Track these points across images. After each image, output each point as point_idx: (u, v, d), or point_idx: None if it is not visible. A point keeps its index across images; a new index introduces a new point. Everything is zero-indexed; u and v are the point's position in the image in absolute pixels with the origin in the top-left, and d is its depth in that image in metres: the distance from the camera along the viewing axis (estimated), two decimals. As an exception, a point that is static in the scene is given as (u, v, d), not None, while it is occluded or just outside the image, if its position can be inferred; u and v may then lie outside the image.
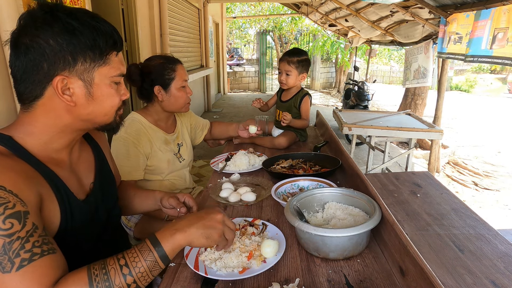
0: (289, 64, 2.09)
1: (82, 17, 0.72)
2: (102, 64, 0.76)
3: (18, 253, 0.60)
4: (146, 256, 0.71)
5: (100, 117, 0.80)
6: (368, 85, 5.92)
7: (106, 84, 0.78)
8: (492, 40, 2.49)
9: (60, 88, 0.72)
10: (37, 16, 0.69)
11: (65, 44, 0.70)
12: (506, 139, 6.72)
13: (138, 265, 0.70)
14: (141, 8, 3.95)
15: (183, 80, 1.58)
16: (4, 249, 0.59)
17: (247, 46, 20.95)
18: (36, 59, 0.69)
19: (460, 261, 1.21)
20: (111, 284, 0.66)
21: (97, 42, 0.73)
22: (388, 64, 19.99)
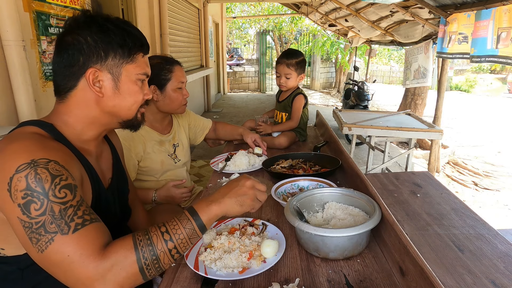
0: (288, 67, 2.08)
1: (116, 21, 0.84)
2: (130, 62, 0.85)
3: (72, 218, 0.68)
4: (185, 225, 0.78)
5: (124, 111, 0.88)
6: (368, 85, 5.92)
7: (131, 80, 0.87)
8: (497, 39, 2.49)
9: (92, 79, 0.82)
10: (80, 20, 0.82)
11: (99, 41, 0.81)
12: (506, 139, 6.72)
13: (178, 232, 0.76)
14: (141, 8, 3.95)
15: (180, 82, 1.58)
16: (60, 214, 0.67)
17: (247, 46, 20.96)
18: (74, 54, 0.80)
19: (460, 261, 1.21)
20: (154, 248, 0.73)
21: (126, 42, 0.83)
22: (388, 64, 19.99)
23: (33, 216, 0.66)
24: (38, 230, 0.66)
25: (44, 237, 0.66)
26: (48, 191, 0.68)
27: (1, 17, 1.66)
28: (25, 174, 0.67)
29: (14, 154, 0.69)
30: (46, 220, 0.67)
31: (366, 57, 8.82)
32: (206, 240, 1.04)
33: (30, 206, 0.66)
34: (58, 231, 0.67)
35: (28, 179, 0.67)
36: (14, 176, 0.67)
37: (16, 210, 0.67)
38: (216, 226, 1.14)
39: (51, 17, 2.05)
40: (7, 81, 1.76)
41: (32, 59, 1.90)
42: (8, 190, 0.67)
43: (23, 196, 0.66)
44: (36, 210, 0.66)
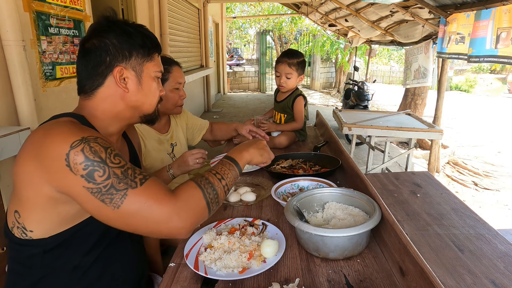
0: (290, 67, 2.06)
1: (133, 25, 0.94)
2: (149, 60, 0.94)
3: (135, 176, 0.76)
4: (229, 168, 0.94)
5: (146, 106, 0.96)
6: (368, 85, 5.92)
7: (151, 77, 0.96)
8: (496, 39, 2.49)
9: (119, 77, 0.89)
10: (103, 24, 0.90)
11: (123, 42, 0.89)
12: (506, 139, 6.72)
13: (226, 173, 0.92)
14: (141, 8, 3.95)
15: (177, 82, 1.59)
16: (123, 174, 0.75)
17: (247, 46, 20.95)
18: (101, 54, 0.88)
19: (460, 261, 1.21)
20: (213, 185, 0.85)
21: (146, 43, 0.93)
22: (388, 64, 19.99)
23: (99, 182, 0.73)
24: (109, 191, 0.73)
25: (117, 195, 0.73)
26: (105, 159, 0.75)
27: (1, 17, 1.66)
28: (81, 149, 0.73)
29: (63, 134, 0.76)
30: (113, 182, 0.74)
31: (366, 57, 8.82)
32: (206, 240, 1.04)
33: (94, 174, 0.73)
34: (127, 187, 0.74)
35: (84, 152, 0.73)
36: (70, 152, 0.73)
37: (80, 181, 0.72)
38: (216, 226, 1.14)
39: (51, 17, 2.05)
40: (7, 81, 1.76)
41: (32, 59, 1.90)
42: (67, 166, 0.72)
43: (84, 167, 0.72)
44: (100, 177, 0.73)
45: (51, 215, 0.79)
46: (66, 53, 2.20)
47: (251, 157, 1.03)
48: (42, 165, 0.74)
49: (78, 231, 0.84)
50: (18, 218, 0.81)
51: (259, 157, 1.06)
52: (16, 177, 0.78)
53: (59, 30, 2.13)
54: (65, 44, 2.19)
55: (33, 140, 0.77)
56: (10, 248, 0.87)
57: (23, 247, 0.83)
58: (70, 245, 0.84)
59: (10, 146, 1.59)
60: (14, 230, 0.82)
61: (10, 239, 0.84)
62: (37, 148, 0.75)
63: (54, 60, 2.09)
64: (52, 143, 0.74)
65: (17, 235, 0.82)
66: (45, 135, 0.76)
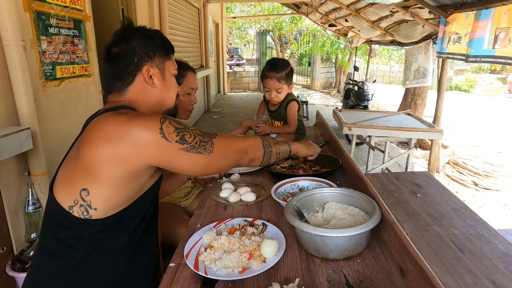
0: (279, 81, 1.96)
1: (150, 30, 1.07)
2: (168, 59, 1.08)
3: (208, 133, 0.99)
4: (284, 144, 1.26)
5: (169, 100, 1.10)
6: (368, 85, 5.92)
7: (171, 74, 1.10)
8: (494, 40, 2.49)
9: (147, 74, 1.02)
10: (126, 31, 1.04)
11: (148, 44, 1.02)
12: (506, 139, 6.72)
13: (281, 145, 1.24)
14: (141, 8, 3.95)
15: (190, 88, 1.62)
16: (202, 133, 0.96)
17: (247, 46, 20.95)
18: (130, 56, 1.00)
19: (460, 261, 1.21)
20: (270, 145, 1.17)
21: (164, 44, 1.07)
22: (388, 64, 19.99)
23: (190, 141, 0.92)
24: (200, 145, 0.93)
25: (207, 144, 0.95)
26: (187, 126, 0.94)
27: (1, 17, 1.66)
28: (168, 122, 0.90)
29: (144, 116, 0.90)
30: (200, 139, 0.94)
31: (366, 57, 8.82)
32: (206, 240, 1.04)
33: (185, 137, 0.91)
34: (210, 138, 0.97)
35: (172, 124, 0.90)
36: (162, 125, 0.88)
37: (175, 145, 0.89)
38: (216, 226, 1.14)
39: (51, 17, 2.05)
40: (7, 81, 1.76)
41: (32, 59, 1.90)
42: (163, 137, 0.87)
43: (176, 134, 0.90)
44: (189, 138, 0.92)
45: (121, 192, 0.89)
46: (66, 53, 2.20)
47: (301, 147, 1.35)
48: (133, 144, 0.85)
49: (127, 212, 0.93)
50: (85, 196, 0.87)
51: (307, 150, 1.38)
52: (93, 158, 0.86)
53: (59, 30, 2.13)
54: (65, 44, 2.19)
55: (113, 126, 0.87)
56: (56, 230, 0.92)
57: (79, 227, 0.89)
58: (118, 227, 0.93)
59: (10, 146, 1.59)
60: (74, 209, 0.88)
61: (65, 219, 0.89)
62: (122, 130, 0.85)
63: (54, 60, 2.09)
64: (140, 124, 0.87)
65: (76, 214, 0.88)
66: (126, 121, 0.87)
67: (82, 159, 0.87)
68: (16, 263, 1.66)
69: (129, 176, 0.88)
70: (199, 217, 1.25)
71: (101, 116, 0.93)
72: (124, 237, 0.95)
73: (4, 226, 1.75)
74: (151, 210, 1.02)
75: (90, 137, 0.88)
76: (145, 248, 1.02)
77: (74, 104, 2.29)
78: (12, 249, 1.79)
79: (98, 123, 0.91)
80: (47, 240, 0.95)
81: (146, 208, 0.99)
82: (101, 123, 0.90)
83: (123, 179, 0.88)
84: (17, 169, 1.83)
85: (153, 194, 1.01)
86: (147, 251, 1.04)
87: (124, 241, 0.95)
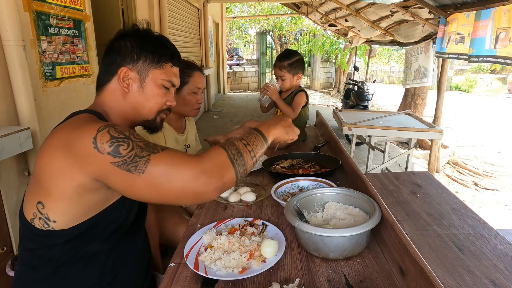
0: (281, 70, 2.12)
1: (156, 35, 1.02)
2: (157, 68, 0.99)
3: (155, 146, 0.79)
4: (256, 137, 0.94)
5: (145, 110, 1.00)
6: (368, 85, 5.92)
7: (156, 84, 0.99)
8: (495, 39, 2.49)
9: (122, 76, 0.96)
10: (128, 30, 1.01)
11: (135, 46, 0.97)
12: (506, 139, 6.72)
13: (252, 140, 0.92)
14: (141, 8, 3.95)
15: (196, 87, 1.65)
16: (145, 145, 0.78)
17: (247, 46, 20.94)
18: (115, 55, 0.97)
19: (460, 261, 1.21)
20: (237, 148, 0.86)
21: (158, 50, 0.99)
22: (388, 64, 19.98)
23: (124, 155, 0.76)
24: (133, 160, 0.75)
25: (140, 161, 0.75)
26: (129, 135, 0.79)
27: (1, 17, 1.66)
28: (107, 130, 0.78)
29: (90, 125, 0.80)
30: (137, 152, 0.76)
31: (366, 57, 8.81)
32: (206, 240, 1.04)
33: (119, 149, 0.76)
34: (150, 153, 0.76)
35: (110, 132, 0.77)
36: (97, 134, 0.77)
37: (107, 158, 0.75)
38: (216, 226, 1.14)
39: (51, 17, 2.05)
40: (7, 81, 1.76)
41: (32, 59, 1.90)
42: (94, 148, 0.76)
43: (109, 144, 0.76)
44: (125, 150, 0.76)
45: (76, 204, 0.82)
46: (66, 53, 2.20)
47: (278, 133, 1.04)
48: (74, 155, 0.78)
49: (97, 221, 0.87)
50: (41, 209, 0.83)
51: (285, 134, 1.07)
52: (42, 169, 0.81)
53: (59, 30, 2.13)
54: (65, 44, 2.19)
55: (61, 135, 0.82)
56: (26, 241, 0.89)
57: (44, 238, 0.85)
58: (88, 236, 0.87)
59: (10, 146, 1.59)
60: (35, 222, 0.84)
61: (29, 231, 0.86)
62: (66, 140, 0.79)
63: (54, 60, 2.09)
64: (81, 132, 0.79)
65: (38, 226, 0.84)
66: (73, 129, 0.81)
67: (35, 170, 0.84)
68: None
69: (79, 190, 0.80)
70: (199, 217, 1.25)
71: (60, 124, 0.89)
72: (99, 245, 0.90)
73: (4, 226, 1.75)
74: (131, 218, 0.96)
75: (43, 147, 0.83)
76: (129, 252, 0.99)
77: (74, 104, 2.28)
78: (12, 249, 1.79)
79: (53, 131, 0.86)
80: (22, 250, 0.91)
81: (123, 218, 0.93)
82: (54, 132, 0.85)
83: (74, 193, 0.81)
84: (17, 169, 1.84)
85: (127, 204, 0.94)
86: (131, 257, 1.00)
87: (98, 248, 0.90)
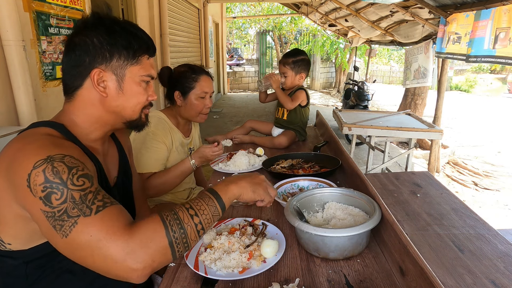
0: (284, 66, 2.13)
1: (123, 24, 0.87)
2: (134, 63, 0.87)
3: (93, 202, 0.70)
4: (208, 203, 0.81)
5: (128, 111, 0.90)
6: (368, 85, 5.92)
7: (135, 82, 0.89)
8: (495, 39, 2.48)
9: (96, 80, 0.84)
10: (88, 21, 0.85)
11: (105, 43, 0.83)
12: (506, 139, 6.72)
13: (202, 209, 0.79)
14: (141, 8, 3.95)
15: (203, 91, 1.63)
16: (81, 199, 0.69)
17: (247, 46, 20.94)
18: (81, 54, 0.83)
19: (460, 261, 1.21)
20: (181, 222, 0.74)
21: (132, 44, 0.86)
22: (388, 64, 19.98)
23: (55, 206, 0.68)
24: (61, 217, 0.68)
25: (67, 222, 0.67)
26: (66, 181, 0.69)
27: (1, 17, 1.66)
28: (42, 169, 0.69)
29: (31, 151, 0.71)
30: (68, 207, 0.68)
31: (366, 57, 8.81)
32: (206, 240, 1.04)
33: (51, 197, 0.68)
34: (80, 214, 0.68)
35: (45, 173, 0.68)
36: (32, 172, 0.69)
37: (38, 203, 0.68)
38: (216, 226, 1.14)
39: (51, 17, 2.05)
40: (7, 81, 1.76)
41: (32, 59, 1.90)
42: (28, 186, 0.69)
43: (42, 189, 0.68)
44: (57, 200, 0.68)
45: (23, 230, 0.76)
46: (66, 53, 2.20)
47: (240, 191, 0.88)
48: (10, 182, 0.71)
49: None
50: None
51: (251, 193, 0.89)
52: None
53: (59, 30, 2.13)
54: (65, 44, 2.19)
55: (7, 153, 0.74)
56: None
57: (5, 258, 0.81)
58: (53, 255, 0.79)
59: (10, 146, 1.59)
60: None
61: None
62: (8, 162, 0.72)
63: (54, 60, 2.09)
64: (20, 160, 0.71)
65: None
66: (17, 150, 0.73)
67: None
68: None
69: (22, 217, 0.74)
70: (199, 217, 1.24)
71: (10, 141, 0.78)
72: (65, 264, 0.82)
73: None
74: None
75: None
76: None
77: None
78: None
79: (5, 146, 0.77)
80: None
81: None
82: (4, 148, 0.76)
83: (18, 219, 0.75)
84: (17, 169, 1.83)
85: None
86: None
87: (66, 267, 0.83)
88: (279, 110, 2.26)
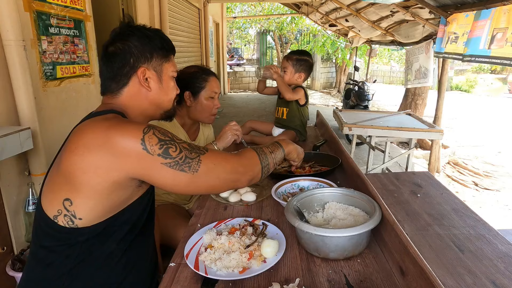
0: (287, 61, 2.14)
1: (151, 29, 1.03)
2: (167, 61, 1.03)
3: (199, 147, 0.91)
4: (278, 149, 1.15)
5: (166, 103, 1.06)
6: (368, 85, 5.92)
7: (169, 77, 1.05)
8: (491, 40, 2.48)
9: (142, 77, 0.98)
10: (124, 30, 1.00)
11: (145, 45, 0.98)
12: (506, 139, 6.71)
13: (276, 151, 1.13)
14: (141, 8, 3.95)
15: (213, 92, 1.66)
16: (190, 147, 0.89)
17: (247, 46, 20.93)
18: (126, 57, 0.96)
19: (460, 261, 1.21)
20: (266, 156, 1.06)
21: (163, 45, 1.02)
22: (388, 64, 19.96)
23: (174, 156, 0.84)
24: (185, 161, 0.85)
25: (193, 161, 0.86)
26: (173, 137, 0.87)
27: (1, 17, 1.66)
28: (152, 132, 0.84)
29: (131, 125, 0.85)
30: (186, 154, 0.86)
31: (367, 57, 8.81)
32: (206, 240, 1.04)
33: (169, 151, 0.84)
34: (199, 154, 0.88)
35: (156, 134, 0.84)
36: (144, 136, 0.82)
37: (158, 159, 0.83)
38: (216, 226, 1.14)
39: (51, 17, 2.05)
40: (7, 81, 1.76)
41: (32, 59, 1.90)
42: (144, 149, 0.81)
43: (159, 147, 0.83)
44: (174, 152, 0.84)
45: (105, 202, 0.85)
46: (67, 53, 2.20)
47: (293, 151, 1.22)
48: (115, 153, 0.81)
49: (116, 220, 0.89)
50: (68, 206, 0.84)
51: (296, 155, 1.24)
52: (73, 166, 0.82)
53: (60, 30, 2.13)
54: (66, 44, 2.19)
55: (95, 133, 0.83)
56: (43, 239, 0.89)
57: (66, 236, 0.86)
58: (106, 235, 0.89)
59: (10, 146, 1.59)
60: (59, 219, 0.85)
61: (50, 228, 0.86)
62: (104, 139, 0.81)
63: (55, 60, 2.09)
64: (121, 133, 0.82)
65: (61, 223, 0.85)
66: (109, 128, 0.83)
67: (63, 167, 0.84)
68: (16, 263, 1.66)
69: (111, 187, 0.83)
70: (199, 217, 1.25)
71: (86, 121, 0.89)
72: (114, 243, 0.91)
73: (4, 225, 1.75)
74: (144, 217, 0.98)
75: (72, 144, 0.84)
76: (140, 253, 1.00)
77: (75, 104, 2.29)
78: (12, 248, 1.80)
79: (82, 129, 0.87)
80: (36, 247, 0.92)
81: (138, 216, 0.96)
82: (84, 129, 0.86)
83: (105, 190, 0.83)
84: (17, 169, 1.84)
85: (144, 203, 0.97)
86: (142, 257, 1.01)
87: (114, 247, 0.92)
88: (279, 110, 2.26)
